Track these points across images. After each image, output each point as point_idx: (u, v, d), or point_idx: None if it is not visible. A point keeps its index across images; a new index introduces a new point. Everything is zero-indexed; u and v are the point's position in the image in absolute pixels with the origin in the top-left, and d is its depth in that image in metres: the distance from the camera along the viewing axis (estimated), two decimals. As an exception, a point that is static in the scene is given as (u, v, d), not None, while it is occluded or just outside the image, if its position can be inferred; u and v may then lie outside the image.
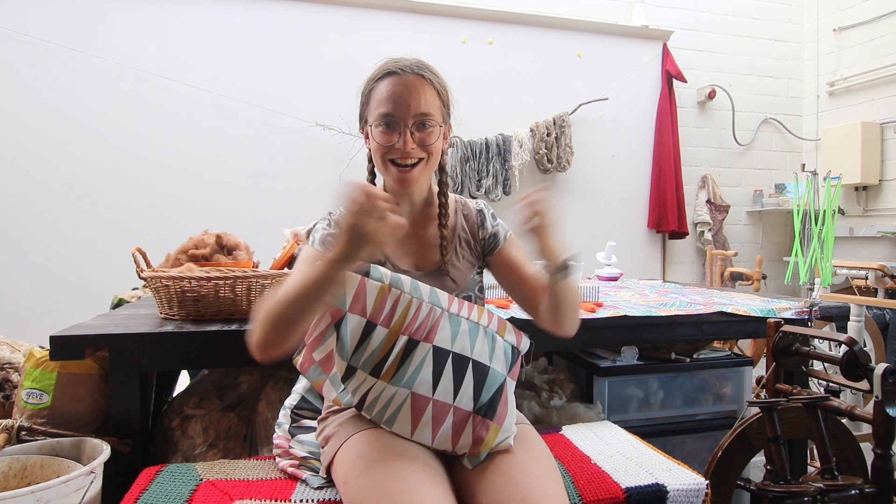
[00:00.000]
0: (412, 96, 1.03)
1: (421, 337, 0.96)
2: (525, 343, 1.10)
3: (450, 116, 1.13)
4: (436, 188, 1.16)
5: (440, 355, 0.96)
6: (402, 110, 1.03)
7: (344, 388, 0.96)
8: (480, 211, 1.20)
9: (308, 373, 1.02)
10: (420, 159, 1.06)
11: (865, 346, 2.59)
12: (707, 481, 1.11)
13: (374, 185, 1.14)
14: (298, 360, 1.05)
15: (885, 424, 1.20)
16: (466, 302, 1.06)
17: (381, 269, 0.98)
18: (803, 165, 2.76)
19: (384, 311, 0.95)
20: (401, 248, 1.12)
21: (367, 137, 1.11)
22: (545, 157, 3.60)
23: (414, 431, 0.95)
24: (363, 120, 1.12)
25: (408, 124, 1.03)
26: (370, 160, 1.13)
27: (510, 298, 1.29)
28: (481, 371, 0.98)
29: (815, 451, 1.41)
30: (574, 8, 3.76)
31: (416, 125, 1.04)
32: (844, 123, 3.90)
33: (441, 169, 1.14)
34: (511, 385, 1.04)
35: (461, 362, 0.97)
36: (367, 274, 0.95)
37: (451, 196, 1.20)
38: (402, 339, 0.95)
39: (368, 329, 0.93)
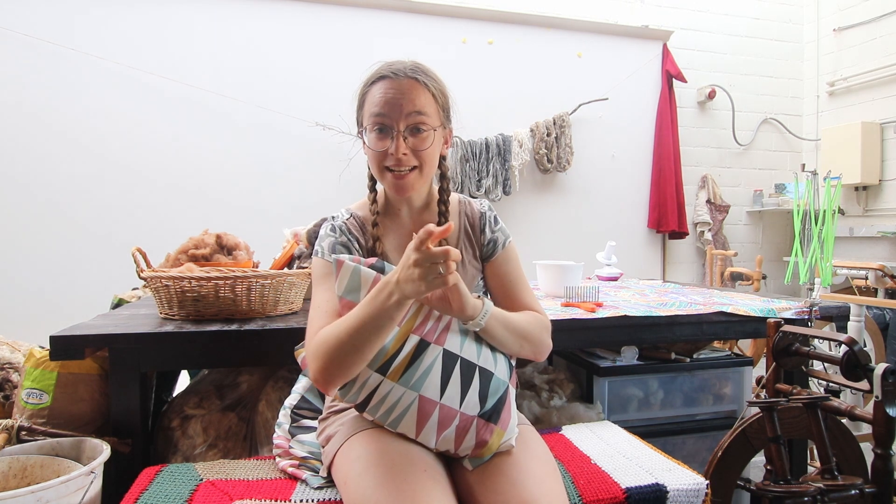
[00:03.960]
0: (405, 100, 1.01)
1: (432, 339, 0.95)
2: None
3: (449, 120, 1.11)
4: (437, 195, 1.15)
5: (449, 359, 0.95)
6: (395, 114, 1.01)
7: (346, 385, 0.95)
8: (483, 214, 1.17)
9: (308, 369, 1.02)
10: (414, 167, 1.04)
11: (865, 346, 2.59)
12: (707, 481, 1.11)
13: (375, 191, 1.13)
14: (301, 354, 1.04)
15: (885, 424, 1.20)
16: None
17: (395, 268, 0.97)
18: (803, 165, 2.75)
19: None
20: (402, 255, 1.11)
21: (364, 142, 1.10)
22: (545, 157, 3.60)
23: (418, 434, 0.95)
24: (360, 124, 1.10)
25: (400, 129, 1.01)
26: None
27: None
28: (487, 377, 0.98)
29: (815, 451, 1.41)
30: (574, 8, 3.76)
31: (409, 130, 1.02)
32: (844, 123, 3.90)
33: (442, 175, 1.13)
34: (512, 392, 1.04)
35: (469, 368, 0.96)
36: (382, 271, 0.95)
37: (455, 196, 1.18)
38: (414, 339, 0.94)
39: None
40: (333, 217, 1.12)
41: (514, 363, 1.10)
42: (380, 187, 1.14)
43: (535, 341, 1.07)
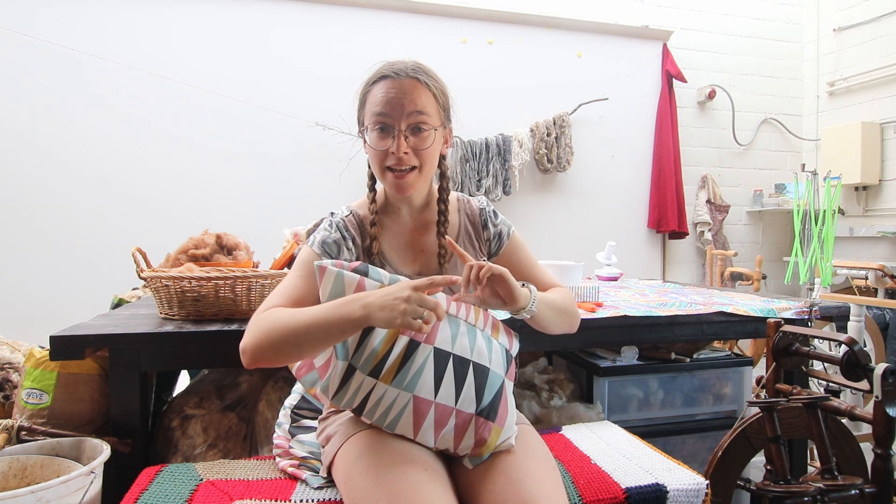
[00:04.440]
0: (406, 99, 1.02)
1: (421, 338, 0.95)
2: (516, 346, 1.11)
3: (450, 119, 1.12)
4: (436, 194, 1.15)
5: (441, 357, 0.95)
6: (396, 113, 1.02)
7: (340, 391, 0.95)
8: (483, 210, 1.19)
9: (304, 378, 1.02)
10: (414, 167, 1.05)
11: (865, 346, 2.59)
12: (707, 481, 1.11)
13: (375, 190, 1.13)
14: (295, 366, 1.05)
15: (885, 424, 1.20)
16: (463, 303, 1.05)
17: (380, 270, 0.98)
18: (803, 165, 2.75)
19: None
20: (401, 255, 1.12)
21: (365, 142, 1.11)
22: (545, 157, 3.60)
23: (416, 434, 0.95)
24: (361, 124, 1.11)
25: (401, 128, 1.02)
26: (370, 165, 1.13)
27: None
28: (482, 373, 0.97)
29: (815, 451, 1.41)
30: (574, 8, 3.76)
31: (409, 129, 1.03)
32: (844, 123, 3.90)
33: (442, 175, 1.14)
34: (509, 386, 1.04)
35: (462, 364, 0.96)
36: (365, 274, 0.95)
37: (453, 195, 1.19)
38: (403, 340, 0.94)
39: (368, 328, 0.93)
40: (333, 213, 1.13)
41: (513, 355, 1.10)
42: (379, 186, 1.14)
43: (572, 313, 1.14)
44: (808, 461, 1.87)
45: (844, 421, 1.42)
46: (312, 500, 1.01)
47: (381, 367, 0.92)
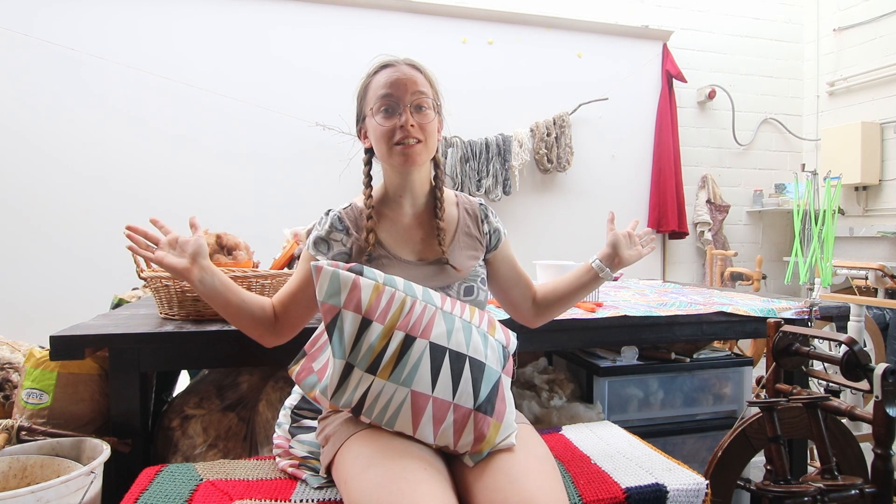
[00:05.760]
0: (409, 80, 1.10)
1: (417, 333, 0.96)
2: (513, 343, 1.12)
3: (441, 108, 1.17)
4: (433, 183, 1.21)
5: (437, 352, 0.96)
6: (401, 91, 1.09)
7: (339, 390, 0.95)
8: (482, 205, 1.26)
9: (304, 382, 1.03)
10: (420, 140, 1.10)
11: (865, 346, 2.59)
12: (707, 481, 1.11)
13: (371, 186, 1.17)
14: (295, 370, 1.05)
15: (885, 424, 1.20)
16: (458, 301, 1.08)
17: (375, 270, 1.00)
18: (803, 165, 2.75)
19: (379, 307, 0.95)
20: (401, 241, 1.15)
21: (364, 137, 1.17)
22: (545, 157, 3.60)
23: (416, 430, 0.95)
24: (361, 118, 1.16)
25: (406, 105, 1.09)
26: (366, 163, 1.17)
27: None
28: (478, 367, 0.98)
29: (815, 451, 1.41)
30: (574, 8, 3.76)
31: (413, 107, 1.10)
32: (844, 123, 3.90)
33: (436, 164, 1.20)
34: (507, 382, 1.05)
35: (458, 359, 0.97)
36: (360, 273, 0.96)
37: (451, 191, 1.25)
38: (399, 335, 0.95)
39: (364, 325, 0.94)
40: (329, 211, 1.17)
41: (510, 351, 1.11)
42: (376, 182, 1.18)
43: None
44: (808, 461, 1.87)
45: (844, 421, 1.42)
46: (312, 500, 1.01)
47: (379, 363, 0.94)
